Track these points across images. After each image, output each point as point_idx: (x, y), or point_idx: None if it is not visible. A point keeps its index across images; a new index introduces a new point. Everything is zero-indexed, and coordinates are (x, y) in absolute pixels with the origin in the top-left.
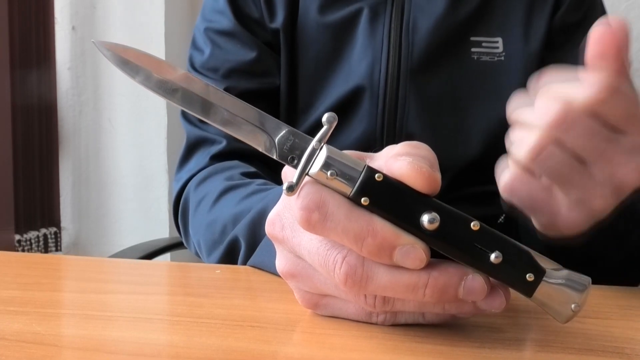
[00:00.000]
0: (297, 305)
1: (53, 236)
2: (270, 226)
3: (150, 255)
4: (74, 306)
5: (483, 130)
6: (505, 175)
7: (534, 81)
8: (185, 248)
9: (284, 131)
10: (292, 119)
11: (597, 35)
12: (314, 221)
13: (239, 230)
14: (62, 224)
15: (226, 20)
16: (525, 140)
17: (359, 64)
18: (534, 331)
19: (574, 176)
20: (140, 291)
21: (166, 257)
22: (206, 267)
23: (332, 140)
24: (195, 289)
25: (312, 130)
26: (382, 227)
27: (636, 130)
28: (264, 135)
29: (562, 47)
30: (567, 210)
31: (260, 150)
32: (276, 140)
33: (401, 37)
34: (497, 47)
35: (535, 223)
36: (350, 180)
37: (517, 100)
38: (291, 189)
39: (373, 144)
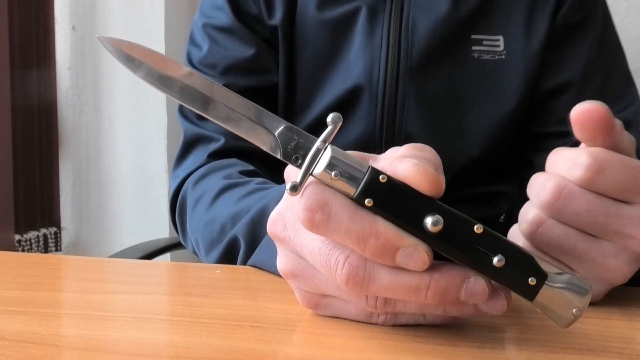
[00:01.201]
0: (297, 305)
1: (53, 236)
2: (272, 225)
3: (150, 255)
4: (74, 306)
5: (483, 129)
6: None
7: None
8: (185, 248)
9: (289, 131)
10: (290, 118)
11: (576, 118)
12: (317, 222)
13: (239, 230)
14: (62, 224)
15: (225, 17)
16: (524, 217)
17: (357, 63)
18: (534, 331)
19: (580, 250)
20: (140, 291)
21: (166, 257)
22: (206, 267)
23: (332, 140)
24: (195, 289)
25: (310, 129)
26: (385, 229)
27: None
28: (268, 134)
29: (563, 46)
30: None
31: (263, 149)
32: (280, 140)
33: (400, 36)
34: (498, 46)
35: None
36: (354, 181)
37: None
38: (295, 188)
39: (372, 144)
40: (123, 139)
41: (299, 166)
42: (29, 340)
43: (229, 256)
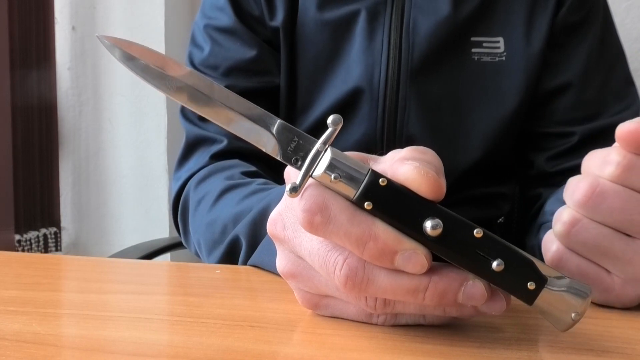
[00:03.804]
0: (297, 305)
1: (53, 236)
2: (272, 225)
3: (150, 255)
4: (74, 306)
5: (484, 132)
6: (552, 248)
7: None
8: (185, 248)
9: (288, 132)
10: (291, 119)
11: (622, 136)
12: (317, 224)
13: (240, 230)
14: (62, 224)
15: (226, 18)
16: (558, 218)
17: (357, 65)
18: (534, 331)
19: (617, 251)
20: (140, 291)
21: (166, 257)
22: (206, 267)
23: (333, 142)
24: (195, 289)
25: (311, 131)
26: (384, 232)
27: None
28: (268, 135)
29: (564, 46)
30: (621, 287)
31: (263, 150)
32: (280, 141)
33: (401, 39)
34: (498, 47)
35: None
36: (354, 183)
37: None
38: (294, 190)
39: (373, 147)
40: (123, 139)
41: (299, 168)
42: (29, 340)
43: (230, 256)
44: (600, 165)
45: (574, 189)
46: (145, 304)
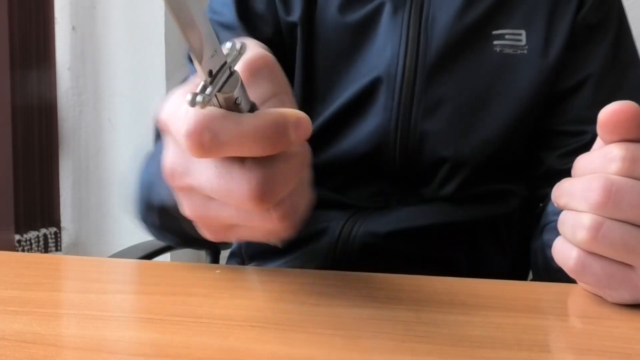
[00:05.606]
0: (297, 305)
1: (53, 236)
2: (170, 178)
3: (150, 255)
4: (74, 306)
5: (499, 126)
6: (572, 256)
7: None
8: (185, 248)
9: (213, 42)
10: (309, 109)
11: (609, 118)
12: (207, 142)
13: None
14: (62, 224)
15: (229, 14)
16: (578, 224)
17: (378, 57)
18: (534, 331)
19: None
20: (140, 291)
21: (166, 257)
22: (206, 267)
23: (346, 132)
24: (195, 289)
25: (328, 121)
26: (273, 115)
27: None
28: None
29: (582, 46)
30: None
31: (193, 49)
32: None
33: (420, 33)
34: (521, 40)
35: (613, 298)
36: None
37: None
38: (202, 101)
39: (387, 137)
40: (123, 139)
41: (212, 80)
42: (29, 340)
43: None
44: (603, 163)
45: (586, 191)
46: (145, 304)
